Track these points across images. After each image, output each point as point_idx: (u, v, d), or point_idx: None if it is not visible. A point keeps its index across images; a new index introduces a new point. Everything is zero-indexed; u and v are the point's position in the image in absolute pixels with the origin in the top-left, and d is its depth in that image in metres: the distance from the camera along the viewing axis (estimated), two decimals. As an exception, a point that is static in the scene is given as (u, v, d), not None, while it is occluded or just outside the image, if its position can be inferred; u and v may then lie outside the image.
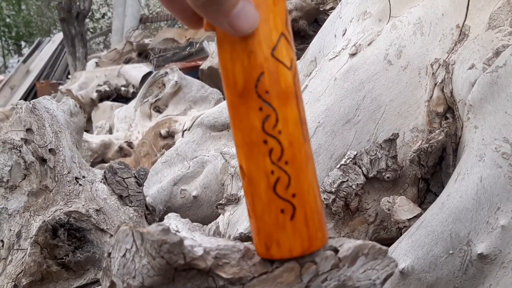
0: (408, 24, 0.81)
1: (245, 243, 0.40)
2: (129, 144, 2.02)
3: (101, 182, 0.89)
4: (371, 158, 0.75)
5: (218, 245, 0.39)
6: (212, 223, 0.58)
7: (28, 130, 0.87)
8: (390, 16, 0.86)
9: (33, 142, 0.86)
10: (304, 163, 0.36)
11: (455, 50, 0.75)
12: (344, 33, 0.93)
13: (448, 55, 0.75)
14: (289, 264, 0.38)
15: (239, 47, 0.34)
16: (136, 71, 3.44)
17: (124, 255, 0.38)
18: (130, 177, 0.89)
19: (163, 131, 1.83)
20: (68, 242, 0.80)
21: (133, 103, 2.28)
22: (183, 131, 1.79)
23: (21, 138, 0.85)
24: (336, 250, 0.39)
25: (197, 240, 0.39)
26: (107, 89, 3.28)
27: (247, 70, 0.34)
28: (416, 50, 0.79)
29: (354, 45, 0.84)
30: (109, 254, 0.40)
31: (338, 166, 0.76)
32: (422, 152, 0.72)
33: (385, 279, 0.41)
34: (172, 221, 0.50)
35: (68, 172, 0.87)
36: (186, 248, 0.36)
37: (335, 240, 0.40)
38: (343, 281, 0.39)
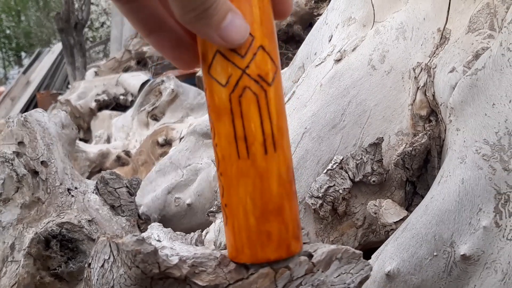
0: (391, 29, 0.82)
1: (223, 251, 0.41)
2: (127, 153, 2.03)
3: (93, 192, 0.90)
4: (357, 162, 0.76)
5: (195, 254, 0.40)
6: (196, 232, 0.59)
7: (20, 143, 0.88)
8: (374, 21, 0.86)
9: (25, 155, 0.87)
10: (234, 179, 0.35)
11: (436, 54, 0.76)
12: (330, 39, 0.94)
13: (430, 59, 0.76)
14: (264, 270, 0.39)
15: (201, 60, 0.36)
16: (134, 79, 3.44)
17: (102, 266, 0.39)
18: (121, 187, 0.90)
19: (160, 139, 1.84)
20: (61, 253, 0.81)
21: (130, 112, 2.29)
22: (180, 139, 1.80)
23: (13, 151, 0.86)
24: (310, 255, 0.40)
25: (175, 249, 0.40)
26: (106, 98, 3.29)
27: (203, 82, 0.36)
28: (399, 55, 0.80)
29: (339, 51, 0.85)
30: (89, 264, 0.41)
31: (324, 171, 0.77)
32: (406, 156, 0.73)
33: (361, 283, 0.42)
34: (155, 230, 0.51)
35: (60, 184, 0.88)
36: (161, 257, 0.37)
37: (310, 246, 0.41)
38: (317, 286, 0.40)
